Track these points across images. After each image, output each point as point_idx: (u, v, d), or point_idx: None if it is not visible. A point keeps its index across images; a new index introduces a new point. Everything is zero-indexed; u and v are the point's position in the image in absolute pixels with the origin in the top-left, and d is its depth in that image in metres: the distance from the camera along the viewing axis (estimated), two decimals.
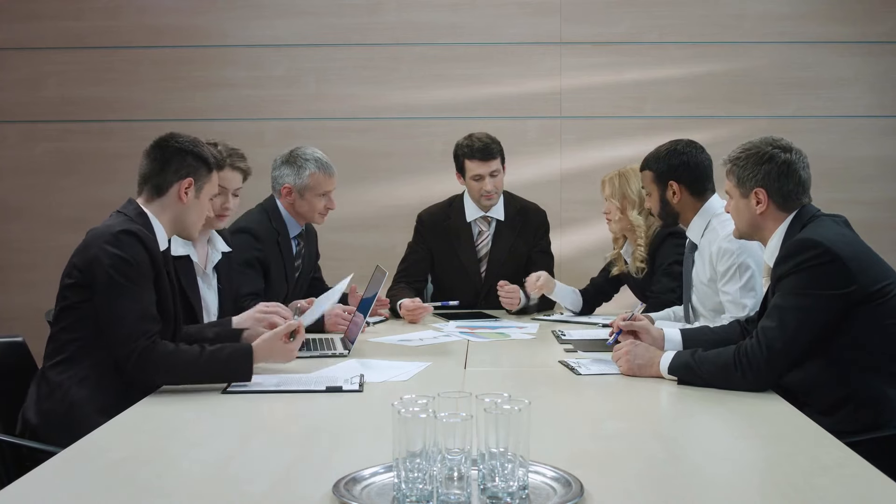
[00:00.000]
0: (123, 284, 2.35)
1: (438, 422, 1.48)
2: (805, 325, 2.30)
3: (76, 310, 2.43)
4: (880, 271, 2.35)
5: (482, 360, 2.89)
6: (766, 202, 2.48)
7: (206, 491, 1.65)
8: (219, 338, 2.66)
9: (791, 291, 2.32)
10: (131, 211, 2.51)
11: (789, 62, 4.81)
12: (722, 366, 2.36)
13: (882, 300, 2.31)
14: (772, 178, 2.47)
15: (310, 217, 3.62)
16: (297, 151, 3.61)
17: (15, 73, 4.85)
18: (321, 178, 3.57)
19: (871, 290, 2.29)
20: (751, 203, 2.51)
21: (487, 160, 3.80)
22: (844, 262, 2.28)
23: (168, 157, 2.55)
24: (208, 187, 2.62)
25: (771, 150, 2.49)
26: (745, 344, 2.35)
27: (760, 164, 2.48)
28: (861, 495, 1.59)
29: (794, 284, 2.32)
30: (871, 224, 4.60)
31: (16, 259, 4.86)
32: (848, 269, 2.28)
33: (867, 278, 2.30)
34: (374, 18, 4.85)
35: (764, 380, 2.33)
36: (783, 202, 2.48)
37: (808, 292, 2.30)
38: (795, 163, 2.47)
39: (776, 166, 2.47)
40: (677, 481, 1.70)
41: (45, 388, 2.41)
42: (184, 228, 2.62)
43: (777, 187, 2.47)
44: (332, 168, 3.62)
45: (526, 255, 3.95)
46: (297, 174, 3.56)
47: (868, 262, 2.34)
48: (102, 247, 2.37)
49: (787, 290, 2.33)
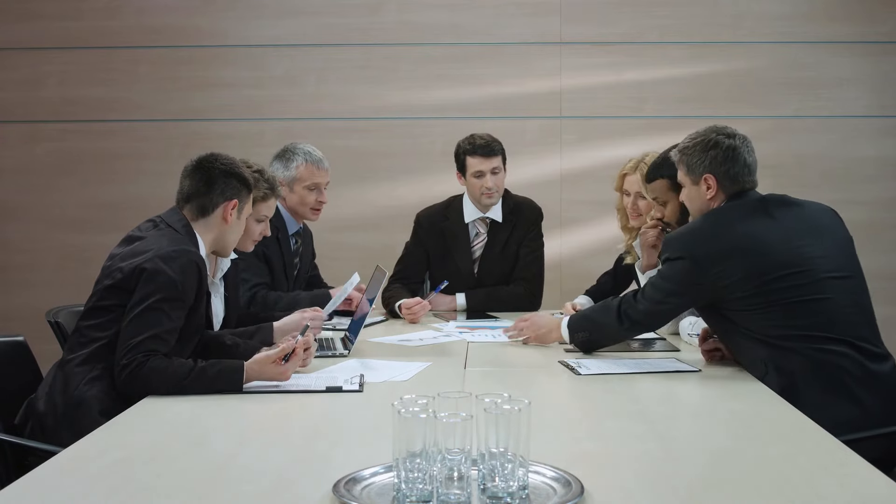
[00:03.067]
0: (158, 303, 2.38)
1: (438, 422, 1.48)
2: (666, 305, 2.63)
3: (108, 311, 2.45)
4: (751, 263, 2.46)
5: (482, 360, 2.89)
6: (714, 187, 2.62)
7: (206, 491, 1.65)
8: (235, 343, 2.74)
9: (659, 275, 2.65)
10: (179, 226, 2.57)
11: (789, 62, 4.81)
12: (605, 308, 2.77)
13: (748, 293, 2.44)
14: (718, 163, 2.61)
15: (302, 212, 3.63)
16: (288, 146, 3.67)
17: (15, 73, 4.85)
18: (309, 169, 3.59)
19: (722, 284, 2.46)
20: (701, 189, 2.65)
21: (489, 156, 3.81)
22: (696, 258, 2.50)
23: (213, 178, 2.62)
24: (247, 208, 2.73)
25: (716, 136, 2.64)
26: (625, 301, 2.70)
27: (707, 150, 2.62)
28: (861, 495, 1.59)
29: (660, 272, 2.66)
30: (871, 224, 4.62)
31: (16, 259, 4.85)
32: (698, 266, 2.49)
33: (722, 272, 2.46)
34: (374, 18, 4.85)
35: (637, 331, 2.77)
36: (731, 185, 2.61)
37: (665, 280, 2.60)
38: (739, 147, 2.62)
39: (721, 151, 2.61)
40: (677, 481, 1.70)
41: (61, 380, 2.43)
42: (223, 247, 2.73)
43: (724, 171, 2.60)
44: (322, 161, 3.64)
45: (516, 253, 3.94)
46: (286, 167, 3.60)
47: (736, 256, 2.47)
48: (156, 262, 2.41)
49: (659, 273, 2.67)
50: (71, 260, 4.75)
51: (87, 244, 4.67)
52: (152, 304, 2.38)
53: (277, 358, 2.42)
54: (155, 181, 4.64)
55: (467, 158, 3.84)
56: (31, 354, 2.71)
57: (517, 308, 3.79)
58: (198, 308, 2.52)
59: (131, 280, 2.42)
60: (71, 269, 4.69)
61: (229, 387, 2.35)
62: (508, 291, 3.89)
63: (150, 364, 2.32)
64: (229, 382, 2.35)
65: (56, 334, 2.98)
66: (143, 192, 4.65)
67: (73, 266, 4.70)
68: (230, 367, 2.38)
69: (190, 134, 4.75)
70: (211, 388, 2.34)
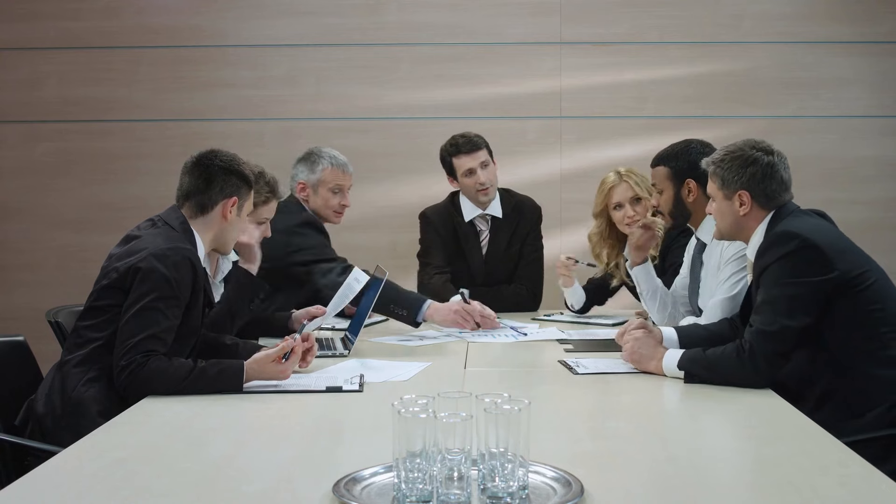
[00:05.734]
0: (154, 302, 2.37)
1: (438, 422, 1.48)
2: (795, 314, 2.35)
3: (105, 311, 2.44)
4: (858, 259, 2.43)
5: (482, 360, 2.89)
6: (749, 204, 2.56)
7: (206, 491, 1.65)
8: (235, 343, 2.75)
9: (776, 283, 2.38)
10: (177, 224, 2.55)
11: (789, 62, 4.81)
12: (727, 360, 2.39)
13: (863, 286, 2.37)
14: (756, 181, 2.54)
15: (324, 214, 3.66)
16: (314, 149, 3.72)
17: (15, 73, 4.84)
18: (334, 172, 3.65)
19: (851, 276, 2.37)
20: (734, 205, 2.58)
21: (473, 152, 3.81)
22: (822, 249, 2.36)
23: (212, 175, 2.60)
24: (247, 205, 2.70)
25: (754, 152, 2.56)
26: (745, 340, 2.39)
27: (745, 166, 2.55)
28: (861, 495, 1.59)
29: (778, 275, 2.38)
30: (871, 224, 4.61)
31: (16, 259, 4.85)
32: (827, 256, 2.36)
33: (846, 265, 2.37)
34: (374, 18, 4.85)
35: (766, 373, 2.36)
36: (766, 202, 2.55)
37: (792, 281, 2.36)
38: (777, 164, 2.56)
39: (760, 168, 2.54)
40: (677, 481, 1.70)
41: (59, 381, 2.42)
42: (223, 245, 2.70)
43: (761, 189, 2.54)
44: (347, 165, 3.71)
45: (519, 251, 3.94)
46: (311, 170, 3.65)
47: (845, 250, 2.42)
48: (151, 260, 2.40)
49: (771, 282, 2.39)
50: (71, 260, 4.75)
51: (86, 244, 4.67)
52: (148, 303, 2.37)
53: (277, 357, 2.42)
54: (154, 181, 4.63)
55: (453, 160, 3.84)
56: (31, 354, 2.71)
57: (519, 308, 3.79)
58: (195, 306, 2.50)
59: (126, 279, 2.41)
60: (71, 269, 4.69)
61: (230, 386, 2.35)
62: (511, 291, 3.88)
63: (150, 365, 2.31)
64: (230, 382, 2.35)
65: (56, 334, 2.98)
66: (143, 192, 4.64)
67: (73, 266, 4.69)
68: (230, 366, 2.38)
69: (190, 134, 4.75)
70: (211, 388, 2.34)
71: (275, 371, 2.41)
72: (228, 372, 2.36)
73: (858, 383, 2.36)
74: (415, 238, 4.04)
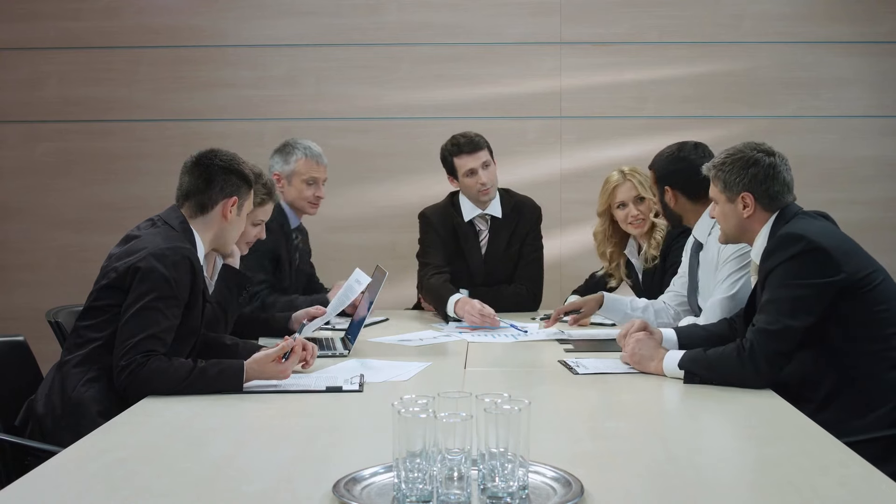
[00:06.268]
0: (154, 301, 2.37)
1: (438, 422, 1.48)
2: (799, 315, 2.35)
3: (104, 311, 2.44)
4: (864, 261, 2.43)
5: (482, 360, 2.89)
6: (752, 206, 2.55)
7: (206, 491, 1.65)
8: (234, 343, 2.75)
9: (781, 284, 2.38)
10: (176, 223, 2.55)
11: (789, 62, 4.81)
12: (727, 359, 2.39)
13: (869, 287, 2.38)
14: (758, 182, 2.54)
15: (299, 206, 3.67)
16: (289, 141, 3.75)
17: (15, 73, 4.84)
18: (307, 164, 3.65)
19: (857, 277, 2.37)
20: (737, 207, 2.57)
21: (475, 152, 3.81)
22: (829, 251, 2.36)
23: (212, 175, 2.60)
24: (247, 204, 2.70)
25: (755, 154, 2.56)
26: (746, 339, 2.39)
27: (746, 168, 2.55)
28: (861, 495, 1.59)
29: (784, 276, 2.38)
30: (870, 224, 4.62)
31: (16, 259, 4.85)
32: (833, 259, 2.36)
33: (853, 267, 2.37)
34: (374, 18, 4.85)
35: (766, 373, 2.36)
36: (769, 203, 2.55)
37: (797, 282, 2.36)
38: (779, 165, 2.55)
39: (761, 170, 2.54)
40: (677, 481, 1.70)
41: (59, 381, 2.42)
42: (223, 244, 2.70)
43: (763, 190, 2.53)
44: (321, 157, 3.71)
45: (519, 251, 3.94)
46: (285, 161, 3.66)
47: (851, 252, 2.42)
48: (150, 260, 2.40)
49: (776, 283, 2.39)
50: (71, 260, 4.75)
51: (87, 244, 4.67)
52: (148, 303, 2.37)
53: (277, 356, 2.42)
54: (154, 181, 4.64)
55: (455, 160, 3.84)
56: (32, 354, 2.71)
57: (519, 308, 3.79)
58: (194, 305, 2.50)
59: (126, 279, 2.41)
60: (71, 269, 4.69)
61: (230, 386, 2.35)
62: (511, 291, 3.88)
63: (150, 365, 2.31)
64: (230, 382, 2.35)
65: (56, 334, 2.98)
66: (143, 192, 4.64)
67: (73, 266, 4.69)
68: (230, 366, 2.38)
69: (190, 134, 4.75)
70: (211, 387, 2.34)
71: (275, 371, 2.41)
72: (228, 372, 2.36)
73: (863, 384, 2.36)
74: (415, 238, 4.05)
